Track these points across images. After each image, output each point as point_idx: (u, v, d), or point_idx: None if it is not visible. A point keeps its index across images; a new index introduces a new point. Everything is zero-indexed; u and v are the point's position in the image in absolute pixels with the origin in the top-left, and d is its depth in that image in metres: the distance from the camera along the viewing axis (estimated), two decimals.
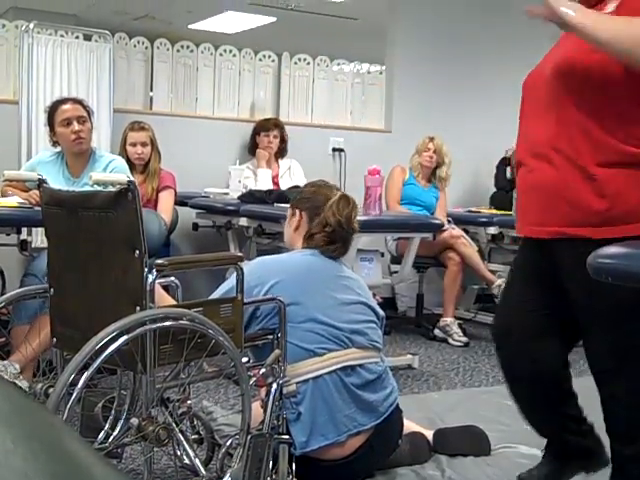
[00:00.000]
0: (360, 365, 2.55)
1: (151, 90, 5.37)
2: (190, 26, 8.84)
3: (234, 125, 5.44)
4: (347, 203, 2.72)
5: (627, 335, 2.12)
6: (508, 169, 5.88)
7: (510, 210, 5.39)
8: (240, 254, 2.44)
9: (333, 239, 2.67)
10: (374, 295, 3.03)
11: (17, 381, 3.15)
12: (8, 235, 3.66)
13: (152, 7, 8.65)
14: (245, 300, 2.31)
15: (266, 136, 5.19)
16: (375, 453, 2.57)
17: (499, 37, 6.31)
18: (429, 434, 2.88)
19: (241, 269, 2.28)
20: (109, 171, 3.70)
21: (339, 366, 2.50)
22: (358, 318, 2.61)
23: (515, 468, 2.78)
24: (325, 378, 2.48)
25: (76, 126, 3.66)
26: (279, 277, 2.53)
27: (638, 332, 2.12)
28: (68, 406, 1.90)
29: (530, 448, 2.98)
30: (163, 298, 2.37)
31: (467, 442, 2.90)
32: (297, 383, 2.46)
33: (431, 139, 5.32)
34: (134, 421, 2.07)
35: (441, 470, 2.74)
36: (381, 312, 2.75)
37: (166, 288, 2.60)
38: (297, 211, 2.75)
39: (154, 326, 2.02)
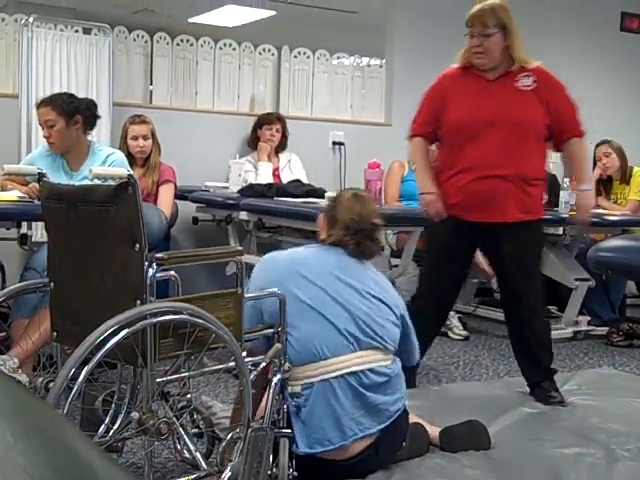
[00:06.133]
0: (369, 369, 2.52)
1: (151, 84, 5.36)
2: (190, 20, 8.80)
3: (234, 119, 5.43)
4: (357, 200, 2.68)
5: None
6: None
7: None
8: (240, 248, 2.44)
9: (358, 240, 2.61)
10: None
11: (16, 375, 3.14)
12: (8, 229, 3.65)
13: (152, 0, 8.63)
14: (246, 295, 2.31)
15: (269, 129, 5.19)
16: (380, 455, 2.56)
17: None
18: (430, 429, 2.87)
19: (241, 263, 2.28)
20: (108, 165, 3.68)
21: (345, 371, 2.47)
22: (369, 319, 2.54)
23: (514, 461, 2.78)
24: (331, 382, 2.45)
25: (45, 132, 3.68)
26: (290, 277, 2.51)
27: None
28: (68, 400, 1.90)
29: (528, 441, 2.99)
30: None
31: (468, 437, 2.89)
32: (302, 385, 2.45)
33: None
34: (134, 415, 2.07)
35: (440, 462, 2.74)
36: (400, 310, 2.65)
37: (166, 282, 2.60)
38: (322, 215, 2.77)
39: (154, 320, 2.02)
